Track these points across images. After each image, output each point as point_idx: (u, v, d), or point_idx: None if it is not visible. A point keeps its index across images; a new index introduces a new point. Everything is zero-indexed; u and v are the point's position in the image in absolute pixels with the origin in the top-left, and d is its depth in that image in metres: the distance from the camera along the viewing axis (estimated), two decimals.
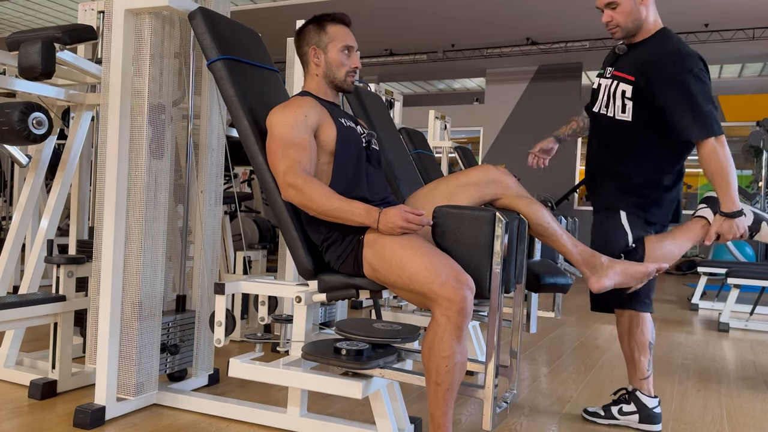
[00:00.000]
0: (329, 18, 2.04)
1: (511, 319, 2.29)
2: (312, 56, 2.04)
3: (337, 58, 2.02)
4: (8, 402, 2.23)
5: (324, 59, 2.03)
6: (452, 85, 13.73)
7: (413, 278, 1.68)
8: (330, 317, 2.88)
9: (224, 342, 2.07)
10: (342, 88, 2.07)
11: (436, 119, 6.10)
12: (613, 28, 2.19)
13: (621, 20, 2.16)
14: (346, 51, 2.03)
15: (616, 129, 2.22)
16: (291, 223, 1.96)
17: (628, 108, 2.15)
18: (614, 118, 2.20)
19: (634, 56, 2.18)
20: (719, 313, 4.97)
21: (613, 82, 2.20)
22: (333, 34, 2.02)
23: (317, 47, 2.03)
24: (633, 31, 2.18)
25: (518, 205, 1.99)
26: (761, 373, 3.29)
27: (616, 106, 2.19)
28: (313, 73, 2.06)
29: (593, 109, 2.33)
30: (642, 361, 2.28)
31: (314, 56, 2.04)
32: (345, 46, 2.02)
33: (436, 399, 1.68)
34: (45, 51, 2.22)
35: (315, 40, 2.03)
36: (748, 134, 7.64)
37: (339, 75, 2.04)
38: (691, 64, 2.06)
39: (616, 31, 2.19)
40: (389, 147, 3.08)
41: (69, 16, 9.63)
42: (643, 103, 2.13)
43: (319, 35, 2.03)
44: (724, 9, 7.76)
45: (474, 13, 8.41)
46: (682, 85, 2.04)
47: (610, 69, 2.26)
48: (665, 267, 2.00)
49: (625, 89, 2.15)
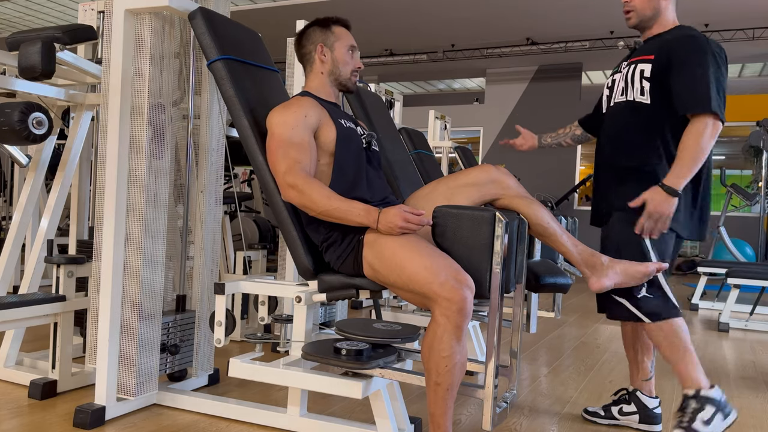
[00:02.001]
0: (333, 20, 2.11)
1: (511, 319, 2.30)
2: (319, 53, 2.07)
3: (344, 56, 2.08)
4: (8, 402, 2.23)
5: (331, 57, 2.07)
6: (452, 85, 13.73)
7: (413, 278, 1.68)
8: (330, 317, 2.88)
9: (224, 342, 2.07)
10: (346, 86, 2.11)
11: (436, 119, 6.10)
12: (629, 11, 2.13)
13: (638, 4, 2.11)
14: (351, 51, 2.09)
15: (632, 117, 2.11)
16: (291, 223, 1.96)
17: (647, 90, 2.07)
18: (634, 101, 2.10)
19: (653, 43, 2.12)
20: (719, 313, 4.97)
21: (631, 66, 2.13)
22: (339, 33, 2.09)
23: (324, 45, 2.07)
24: (649, 19, 2.13)
25: (518, 205, 2.00)
26: (761, 373, 3.29)
27: (635, 89, 2.10)
28: (318, 71, 2.08)
29: (609, 105, 2.23)
30: (646, 362, 2.28)
31: (321, 53, 2.07)
32: (351, 46, 2.09)
33: (436, 399, 1.68)
34: (45, 51, 2.22)
35: (321, 38, 2.07)
36: (748, 134, 7.64)
37: (345, 72, 2.09)
38: (714, 48, 2.01)
39: (631, 16, 2.13)
40: (389, 147, 3.08)
41: (69, 16, 9.63)
42: (661, 83, 2.05)
43: (325, 34, 2.08)
44: (724, 9, 7.76)
45: (474, 13, 8.41)
46: (701, 60, 1.97)
47: (625, 62, 2.20)
48: (665, 266, 1.99)
49: (644, 68, 2.08)
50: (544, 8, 8.12)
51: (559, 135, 2.58)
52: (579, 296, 6.08)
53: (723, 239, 7.35)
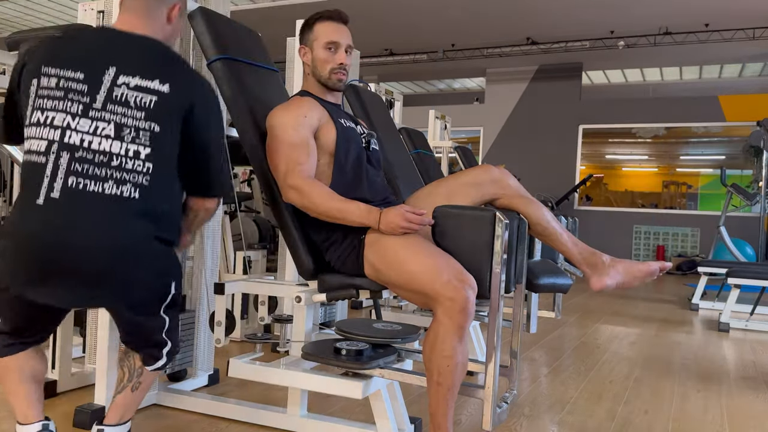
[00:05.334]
0: (318, 16, 2.01)
1: (511, 319, 2.29)
2: (302, 55, 2.05)
3: (321, 55, 1.99)
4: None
5: (311, 57, 2.02)
6: (452, 85, 13.72)
7: (415, 278, 1.68)
8: (330, 317, 2.87)
9: (224, 342, 2.07)
10: (327, 86, 2.03)
11: (436, 119, 6.09)
12: None
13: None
14: (331, 48, 1.99)
15: None
16: (291, 224, 1.96)
17: None
18: None
19: None
20: (719, 313, 4.96)
21: None
22: (318, 31, 2.00)
23: (305, 46, 2.03)
24: None
25: (518, 205, 1.99)
26: (761, 373, 3.29)
27: None
28: (306, 73, 2.07)
29: None
30: None
31: (303, 55, 2.04)
32: (329, 43, 1.98)
33: (437, 399, 1.67)
34: None
35: (304, 39, 2.04)
36: (749, 134, 7.64)
37: (323, 72, 2.01)
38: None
39: None
40: (389, 147, 3.08)
41: (69, 16, 9.63)
42: None
43: (306, 34, 2.03)
44: (724, 9, 7.75)
45: (474, 13, 8.41)
46: None
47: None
48: (668, 266, 1.98)
49: None
50: (544, 8, 8.11)
51: None
52: (579, 296, 6.08)
53: (723, 239, 7.35)
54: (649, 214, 10.04)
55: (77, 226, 1.43)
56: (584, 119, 10.43)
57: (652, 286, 7.41)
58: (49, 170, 1.45)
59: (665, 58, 9.87)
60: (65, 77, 1.52)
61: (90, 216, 1.44)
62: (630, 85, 12.45)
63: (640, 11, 7.98)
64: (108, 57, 1.54)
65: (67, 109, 1.49)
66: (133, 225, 1.48)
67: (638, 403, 2.62)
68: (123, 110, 1.50)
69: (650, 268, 1.95)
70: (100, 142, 1.48)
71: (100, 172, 1.46)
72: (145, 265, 1.52)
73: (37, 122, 1.51)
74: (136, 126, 1.50)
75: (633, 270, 1.96)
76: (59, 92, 1.51)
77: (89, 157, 1.47)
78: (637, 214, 10.13)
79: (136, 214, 1.48)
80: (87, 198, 1.44)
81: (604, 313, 5.10)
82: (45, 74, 1.53)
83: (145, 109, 1.51)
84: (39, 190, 1.44)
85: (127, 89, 1.51)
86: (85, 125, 1.48)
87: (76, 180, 1.45)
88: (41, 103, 1.52)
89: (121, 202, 1.47)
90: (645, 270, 1.95)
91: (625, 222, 10.15)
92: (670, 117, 9.95)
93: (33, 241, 1.42)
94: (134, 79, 1.52)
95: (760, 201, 7.44)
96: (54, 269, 1.44)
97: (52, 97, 1.51)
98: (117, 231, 1.46)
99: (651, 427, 2.32)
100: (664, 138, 10.18)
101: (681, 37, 8.63)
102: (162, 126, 1.53)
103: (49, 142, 1.48)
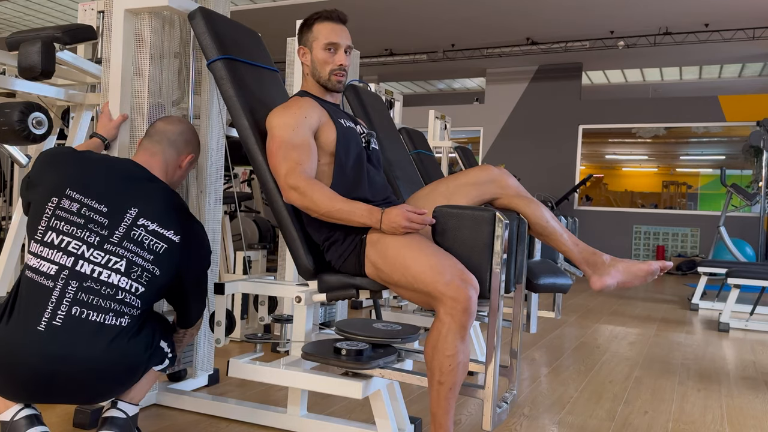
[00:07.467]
0: (317, 16, 2.00)
1: (511, 319, 2.29)
2: (301, 56, 2.04)
3: (320, 56, 1.98)
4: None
5: (310, 58, 2.02)
6: (452, 85, 13.72)
7: (417, 277, 1.68)
8: (330, 317, 2.87)
9: (224, 342, 2.07)
10: (327, 87, 2.02)
11: (436, 119, 6.09)
12: None
13: None
14: (331, 48, 1.98)
15: None
16: (291, 223, 1.96)
17: None
18: None
19: None
20: (719, 313, 4.96)
21: None
22: (317, 32, 1.99)
23: (304, 46, 2.03)
24: None
25: (518, 205, 1.99)
26: (761, 373, 3.29)
27: None
28: (305, 73, 2.06)
29: None
30: None
31: (302, 56, 2.04)
32: (328, 44, 1.97)
33: (439, 398, 1.67)
34: (45, 51, 2.21)
35: (302, 39, 2.03)
36: (749, 134, 7.64)
37: (323, 74, 2.00)
38: None
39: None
40: (389, 147, 3.08)
41: (69, 16, 9.63)
42: None
43: (305, 35, 2.02)
44: (724, 9, 7.75)
45: (474, 13, 8.41)
46: None
47: None
48: (669, 265, 1.98)
49: None
50: (544, 8, 8.11)
51: None
52: (579, 296, 6.08)
53: (723, 239, 7.35)
54: (649, 214, 10.04)
55: (76, 353, 1.47)
56: (584, 119, 10.43)
57: (652, 286, 7.41)
58: (56, 297, 1.50)
59: (665, 58, 9.87)
60: (88, 206, 1.59)
61: (89, 345, 1.49)
62: (630, 85, 12.45)
63: (640, 11, 7.98)
64: (132, 197, 1.65)
65: (84, 238, 1.56)
66: (125, 350, 1.55)
67: (638, 403, 2.62)
68: (136, 249, 1.61)
69: (651, 268, 1.94)
70: (109, 275, 1.56)
71: (104, 304, 1.53)
72: (141, 373, 1.64)
73: (50, 243, 1.55)
74: (143, 266, 1.62)
75: (633, 269, 1.95)
76: (80, 219, 1.57)
77: (96, 287, 1.53)
78: (637, 214, 10.13)
79: (129, 340, 1.56)
80: (87, 327, 1.49)
81: (604, 313, 5.10)
82: (68, 197, 1.59)
83: (155, 253, 1.64)
84: (41, 316, 1.48)
85: (145, 231, 1.63)
86: (99, 257, 1.56)
87: (80, 309, 1.50)
88: (58, 224, 1.57)
89: (118, 332, 1.53)
90: (646, 269, 1.94)
91: (625, 222, 10.15)
92: (670, 117, 9.95)
93: (30, 370, 1.45)
94: (153, 224, 1.64)
95: (760, 201, 7.43)
96: (51, 392, 1.50)
97: (71, 222, 1.57)
98: (114, 356, 1.52)
99: (651, 427, 2.32)
100: (663, 138, 10.18)
101: (681, 37, 8.63)
102: (162, 271, 1.66)
103: (60, 267, 1.53)
